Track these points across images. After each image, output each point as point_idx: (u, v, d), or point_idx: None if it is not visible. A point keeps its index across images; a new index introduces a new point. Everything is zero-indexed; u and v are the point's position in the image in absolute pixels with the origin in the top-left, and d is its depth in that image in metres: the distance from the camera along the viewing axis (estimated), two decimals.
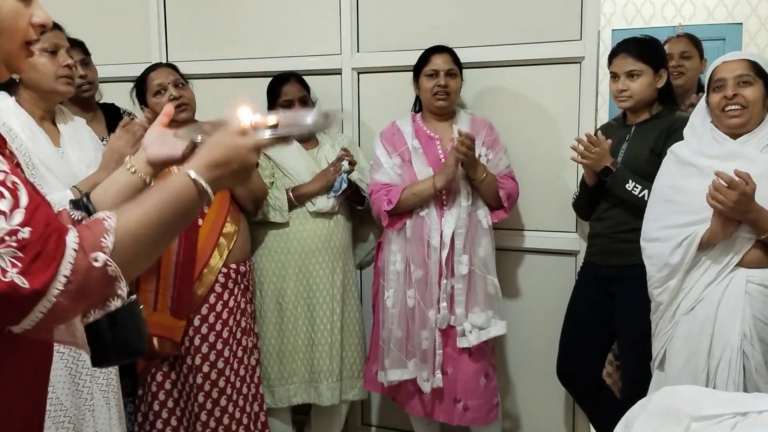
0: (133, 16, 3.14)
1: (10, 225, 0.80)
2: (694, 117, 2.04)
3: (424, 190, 2.38)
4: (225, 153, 0.99)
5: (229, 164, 1.00)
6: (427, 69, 2.44)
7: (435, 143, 2.49)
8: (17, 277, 0.79)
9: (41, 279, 0.80)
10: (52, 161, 1.85)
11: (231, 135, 1.01)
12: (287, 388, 2.63)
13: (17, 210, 0.81)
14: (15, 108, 1.84)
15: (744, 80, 1.90)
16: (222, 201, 2.39)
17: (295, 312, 2.60)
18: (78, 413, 1.84)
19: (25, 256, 0.80)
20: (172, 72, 2.43)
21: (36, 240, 0.81)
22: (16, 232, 0.80)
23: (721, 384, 1.85)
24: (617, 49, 2.31)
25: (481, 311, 2.43)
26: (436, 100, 2.45)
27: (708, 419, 1.26)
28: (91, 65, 2.54)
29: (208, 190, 0.97)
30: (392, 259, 2.48)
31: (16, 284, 0.79)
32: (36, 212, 0.83)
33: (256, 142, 1.02)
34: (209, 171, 0.98)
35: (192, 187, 0.96)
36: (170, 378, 2.38)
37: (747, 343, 1.84)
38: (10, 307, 0.80)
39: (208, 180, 0.98)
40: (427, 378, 2.44)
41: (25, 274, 0.79)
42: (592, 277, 2.40)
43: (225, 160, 0.99)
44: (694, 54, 2.98)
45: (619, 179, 2.20)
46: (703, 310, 1.90)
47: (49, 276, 0.81)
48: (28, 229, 0.81)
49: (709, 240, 1.87)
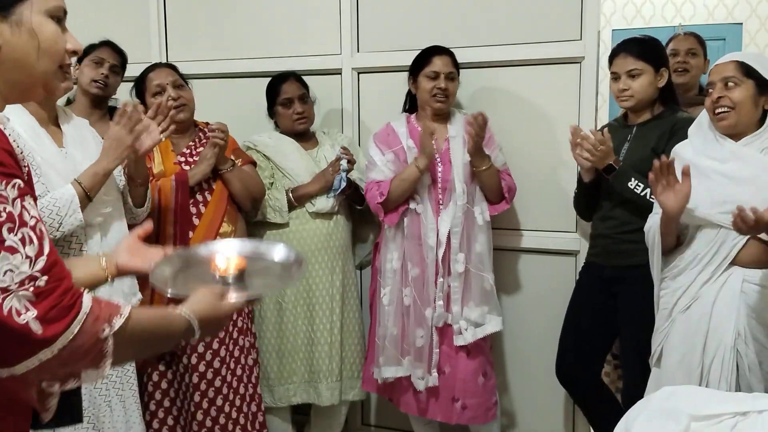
0: (133, 16, 3.15)
1: (32, 271, 0.85)
2: (702, 116, 2.04)
3: (409, 174, 2.39)
4: (208, 313, 1.12)
5: (210, 322, 1.13)
6: (428, 70, 2.44)
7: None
8: (33, 322, 0.84)
9: (54, 329, 0.85)
10: (56, 160, 1.85)
11: (214, 297, 1.14)
12: (287, 388, 2.63)
13: (40, 258, 0.86)
14: (17, 109, 1.85)
15: (731, 81, 1.90)
16: (219, 201, 2.39)
17: (294, 312, 2.60)
18: (97, 411, 1.87)
19: (39, 303, 0.85)
20: (171, 72, 2.43)
21: (51, 291, 0.86)
22: (35, 279, 0.85)
23: (714, 382, 1.85)
24: (617, 49, 2.31)
25: (476, 306, 2.43)
26: (435, 102, 2.45)
27: (708, 419, 1.25)
28: (120, 75, 2.61)
29: (196, 334, 1.10)
30: (389, 257, 2.48)
31: (30, 328, 0.83)
32: (55, 265, 0.88)
33: (233, 308, 1.17)
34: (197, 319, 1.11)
35: (187, 324, 1.09)
36: (167, 377, 2.38)
37: (741, 341, 1.84)
38: (16, 347, 0.85)
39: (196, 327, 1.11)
40: (421, 376, 2.44)
41: (42, 321, 0.84)
42: (595, 278, 2.40)
43: (208, 318, 1.12)
44: (699, 53, 2.98)
45: (622, 177, 2.20)
46: (699, 308, 1.90)
47: (61, 328, 0.86)
48: (45, 278, 0.86)
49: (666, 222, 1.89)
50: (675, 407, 1.30)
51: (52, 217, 1.76)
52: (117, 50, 2.62)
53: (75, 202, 1.80)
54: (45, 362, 0.86)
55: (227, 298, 1.16)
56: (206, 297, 1.14)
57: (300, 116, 2.62)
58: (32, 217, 0.88)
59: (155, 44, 3.11)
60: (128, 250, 1.35)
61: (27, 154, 1.77)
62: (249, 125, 2.72)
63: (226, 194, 2.41)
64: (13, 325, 0.82)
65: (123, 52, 2.64)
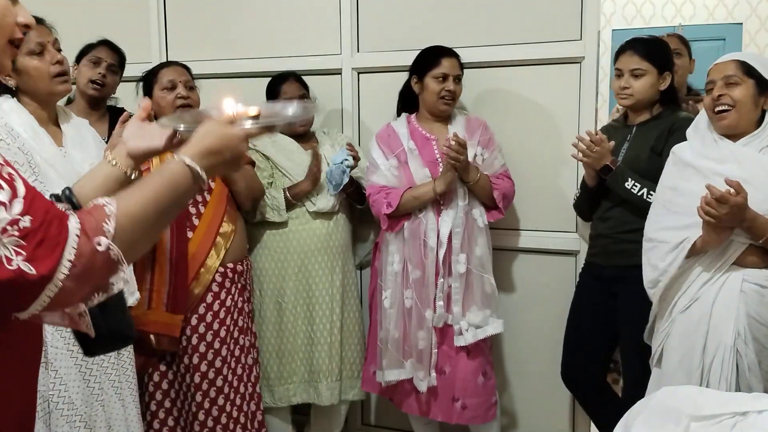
0: (133, 16, 3.15)
1: (11, 215, 0.82)
2: (700, 117, 2.04)
3: (424, 194, 2.39)
4: (217, 142, 1.03)
5: (222, 152, 1.04)
6: (437, 72, 2.43)
7: (431, 144, 2.49)
8: (23, 264, 0.81)
9: (47, 264, 0.82)
10: (55, 160, 1.85)
11: (221, 125, 1.05)
12: (287, 388, 2.63)
13: (16, 200, 0.83)
14: (17, 108, 1.84)
15: (731, 80, 1.90)
16: (219, 201, 2.39)
17: (294, 312, 2.60)
18: (89, 410, 1.86)
19: (28, 244, 0.82)
20: (185, 72, 2.43)
21: (37, 227, 0.83)
22: (17, 222, 0.82)
23: (714, 382, 1.85)
24: (625, 46, 2.31)
25: (478, 310, 2.43)
26: (443, 104, 2.44)
27: (707, 419, 1.26)
28: (118, 75, 2.61)
29: (203, 176, 1.01)
30: (390, 260, 2.48)
31: (23, 271, 0.81)
32: (34, 201, 0.85)
33: (246, 132, 1.06)
34: (203, 158, 1.02)
35: (187, 173, 1.00)
36: (167, 377, 2.37)
37: (741, 341, 1.84)
38: (18, 293, 0.83)
39: (202, 167, 1.01)
40: (423, 377, 2.44)
41: (31, 261, 0.82)
42: (594, 279, 2.40)
43: (218, 148, 1.04)
44: (684, 53, 2.99)
45: (619, 177, 2.20)
46: (699, 309, 1.90)
47: (54, 261, 0.83)
48: (28, 218, 0.83)
49: (703, 247, 1.87)
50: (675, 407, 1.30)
51: None
52: (114, 49, 2.62)
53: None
54: (57, 295, 0.84)
55: (238, 124, 1.05)
56: (210, 127, 1.04)
57: None
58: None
59: (155, 44, 3.12)
60: (134, 135, 1.23)
61: (25, 153, 1.77)
62: None
63: (225, 194, 2.41)
64: (7, 273, 0.80)
65: (121, 50, 2.63)
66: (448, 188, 2.36)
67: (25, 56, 1.81)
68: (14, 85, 1.84)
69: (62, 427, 1.77)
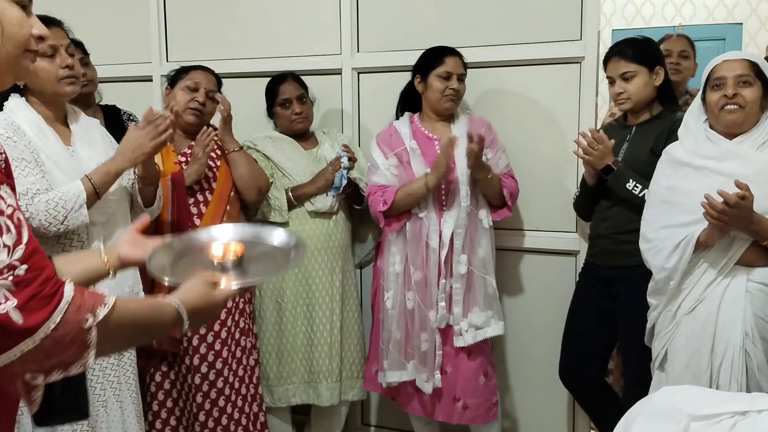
0: (133, 16, 3.14)
1: (11, 260, 0.83)
2: (688, 116, 2.04)
3: (417, 189, 2.38)
4: (201, 302, 1.12)
5: (203, 311, 1.12)
6: (441, 70, 2.42)
7: (433, 144, 2.48)
8: (13, 311, 0.81)
9: (36, 318, 0.83)
10: (60, 158, 1.85)
11: (206, 286, 1.13)
12: (286, 388, 2.63)
13: (19, 247, 0.85)
14: (24, 106, 1.85)
15: (744, 80, 1.89)
16: (219, 201, 2.39)
17: (294, 312, 2.60)
18: (91, 410, 1.85)
19: (21, 293, 0.83)
20: (213, 81, 2.43)
21: (30, 279, 0.84)
22: (14, 268, 0.83)
23: (724, 383, 1.84)
24: (609, 53, 2.32)
25: (480, 311, 2.43)
26: (447, 102, 2.44)
27: (707, 419, 1.25)
28: (90, 65, 2.55)
29: (184, 326, 1.09)
30: (391, 261, 2.48)
31: (10, 317, 0.81)
32: (34, 253, 0.86)
33: (226, 296, 1.16)
34: (187, 310, 1.10)
35: (175, 317, 1.07)
36: (169, 378, 2.38)
37: (749, 341, 1.84)
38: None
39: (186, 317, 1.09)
40: (427, 379, 2.44)
41: (22, 310, 0.82)
42: (594, 279, 2.40)
43: (200, 308, 1.12)
44: (690, 55, 3.01)
45: (620, 178, 2.20)
46: (705, 310, 1.89)
47: (43, 317, 0.84)
48: (24, 267, 0.84)
49: (706, 242, 1.87)
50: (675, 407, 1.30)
51: (57, 210, 1.76)
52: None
53: (82, 198, 1.80)
54: (27, 353, 0.84)
55: (220, 285, 1.14)
56: (197, 286, 1.13)
57: (298, 116, 2.62)
58: (9, 206, 0.86)
59: (155, 44, 3.11)
60: (128, 242, 1.34)
61: (31, 151, 1.78)
62: (249, 125, 2.72)
63: (226, 194, 2.41)
64: None
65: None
66: (439, 183, 2.35)
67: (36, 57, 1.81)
68: (22, 84, 1.85)
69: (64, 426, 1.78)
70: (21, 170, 1.74)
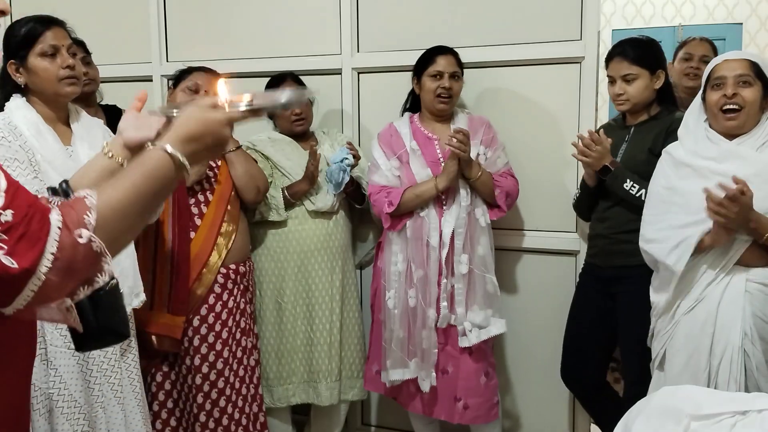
0: (133, 16, 3.15)
1: None
2: (688, 116, 2.03)
3: (426, 191, 2.39)
4: (199, 127, 1.02)
5: (203, 138, 1.02)
6: (432, 70, 2.44)
7: (433, 144, 2.49)
8: (5, 258, 0.80)
9: (29, 258, 0.81)
10: (56, 158, 1.85)
11: (203, 109, 1.03)
12: (286, 388, 2.63)
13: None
14: (24, 106, 1.85)
15: (744, 80, 1.89)
16: (220, 201, 2.39)
17: (294, 312, 2.60)
18: (90, 410, 1.86)
19: (9, 238, 0.81)
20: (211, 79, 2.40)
21: (19, 222, 0.82)
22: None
23: (722, 383, 1.84)
24: (612, 52, 2.31)
25: (480, 309, 2.43)
26: (439, 102, 2.45)
27: (707, 418, 1.25)
28: (92, 64, 2.56)
29: (185, 163, 0.99)
30: (393, 260, 2.48)
31: (4, 264, 0.80)
32: (16, 195, 0.84)
33: (229, 116, 1.05)
34: (184, 145, 1.00)
35: (169, 161, 0.98)
36: (169, 378, 2.38)
37: (748, 341, 1.84)
38: (2, 287, 0.82)
39: (183, 153, 0.99)
40: (425, 377, 2.44)
41: (13, 255, 0.80)
42: (593, 279, 2.40)
43: (199, 134, 1.02)
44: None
45: (618, 178, 2.20)
46: (704, 310, 1.89)
47: (36, 254, 0.82)
48: (10, 212, 0.82)
49: (712, 245, 1.87)
50: (675, 407, 1.29)
51: None
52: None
53: None
54: (40, 289, 0.83)
55: (221, 109, 1.04)
56: (191, 112, 1.03)
57: (298, 117, 2.62)
58: None
59: (155, 44, 3.11)
60: (131, 125, 1.24)
61: (26, 151, 1.77)
62: (249, 125, 2.71)
63: (227, 194, 2.41)
64: None
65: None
66: (449, 185, 2.36)
67: (37, 56, 1.82)
68: (23, 83, 1.85)
69: (63, 424, 1.78)
70: (12, 170, 1.73)
